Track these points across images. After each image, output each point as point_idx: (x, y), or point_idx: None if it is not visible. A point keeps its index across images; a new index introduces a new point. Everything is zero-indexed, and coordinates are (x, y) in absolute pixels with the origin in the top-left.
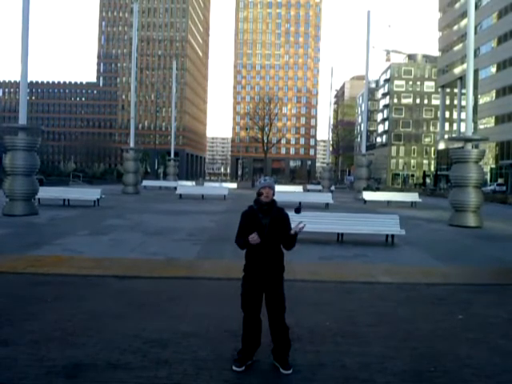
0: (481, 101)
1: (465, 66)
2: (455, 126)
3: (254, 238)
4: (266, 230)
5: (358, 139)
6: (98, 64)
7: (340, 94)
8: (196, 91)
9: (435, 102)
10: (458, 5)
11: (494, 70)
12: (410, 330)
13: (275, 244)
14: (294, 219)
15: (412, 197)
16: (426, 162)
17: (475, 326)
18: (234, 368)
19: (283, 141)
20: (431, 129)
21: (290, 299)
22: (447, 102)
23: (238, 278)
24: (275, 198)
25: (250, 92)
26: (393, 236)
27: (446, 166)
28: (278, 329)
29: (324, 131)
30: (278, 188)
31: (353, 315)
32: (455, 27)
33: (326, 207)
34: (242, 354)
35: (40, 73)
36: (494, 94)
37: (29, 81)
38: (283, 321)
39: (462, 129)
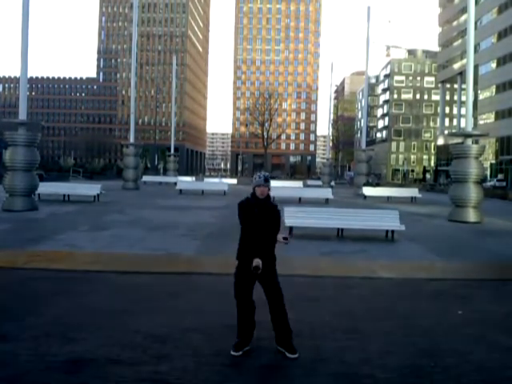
0: (481, 96)
1: (465, 61)
2: (455, 122)
3: (258, 262)
4: (258, 220)
5: (358, 135)
6: (98, 59)
7: (340, 90)
8: (196, 87)
9: (435, 97)
10: (457, 0)
11: (494, 65)
12: (410, 325)
13: (267, 235)
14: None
15: (412, 192)
16: (425, 157)
17: (475, 321)
18: (231, 353)
19: (283, 136)
20: (431, 124)
21: (290, 294)
22: (447, 97)
23: None
24: (271, 193)
25: (250, 87)
26: (393, 231)
27: (445, 162)
28: (279, 315)
29: (324, 126)
30: (279, 183)
31: (353, 310)
32: (455, 22)
33: (326, 202)
34: (239, 338)
35: (40, 68)
36: (494, 89)
37: (29, 76)
38: (283, 307)
39: (462, 124)
